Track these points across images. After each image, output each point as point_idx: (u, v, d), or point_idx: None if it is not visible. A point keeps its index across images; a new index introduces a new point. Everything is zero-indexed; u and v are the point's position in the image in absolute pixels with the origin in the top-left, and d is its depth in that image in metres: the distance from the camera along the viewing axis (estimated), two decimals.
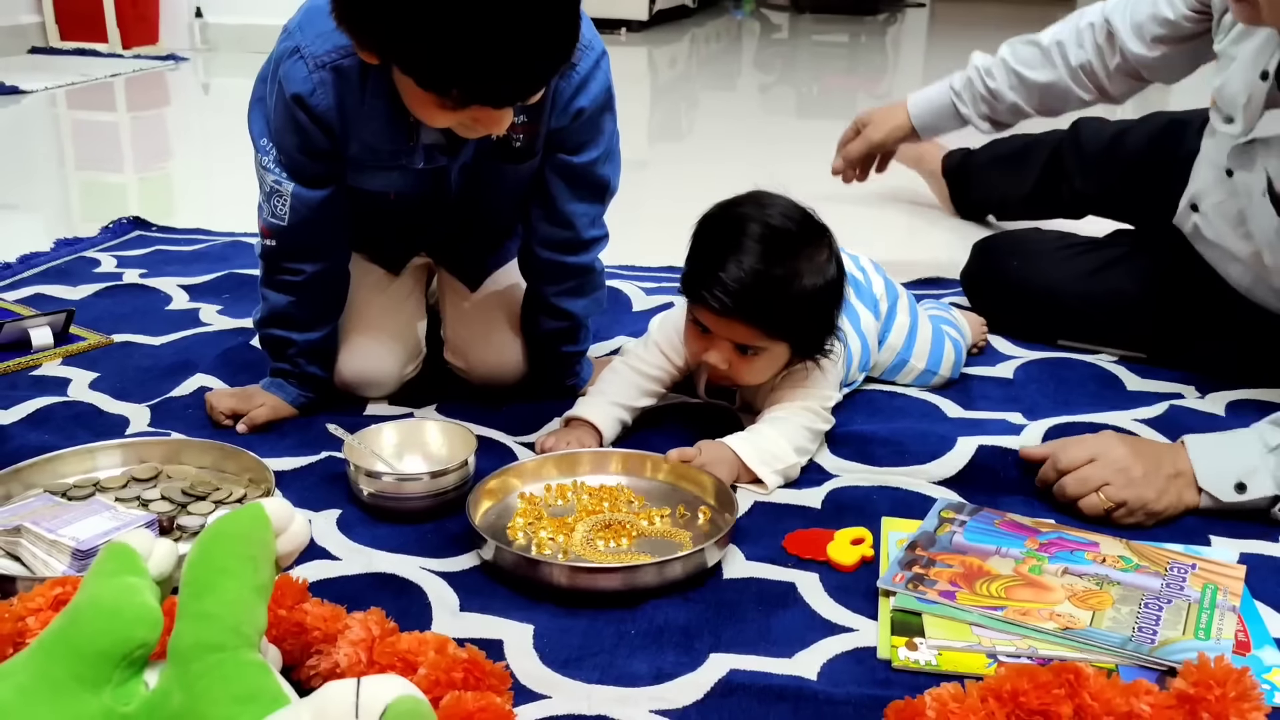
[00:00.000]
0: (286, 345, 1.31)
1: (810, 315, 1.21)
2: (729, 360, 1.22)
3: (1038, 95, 1.69)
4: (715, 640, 0.94)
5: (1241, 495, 1.13)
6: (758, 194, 1.25)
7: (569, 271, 1.33)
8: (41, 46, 4.45)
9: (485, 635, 0.93)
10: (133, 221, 2.16)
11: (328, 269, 1.29)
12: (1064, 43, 1.65)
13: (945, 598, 0.98)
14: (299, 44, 1.15)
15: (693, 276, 1.21)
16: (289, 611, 0.88)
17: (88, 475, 1.18)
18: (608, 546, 1.08)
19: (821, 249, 1.21)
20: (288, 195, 1.21)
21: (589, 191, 1.29)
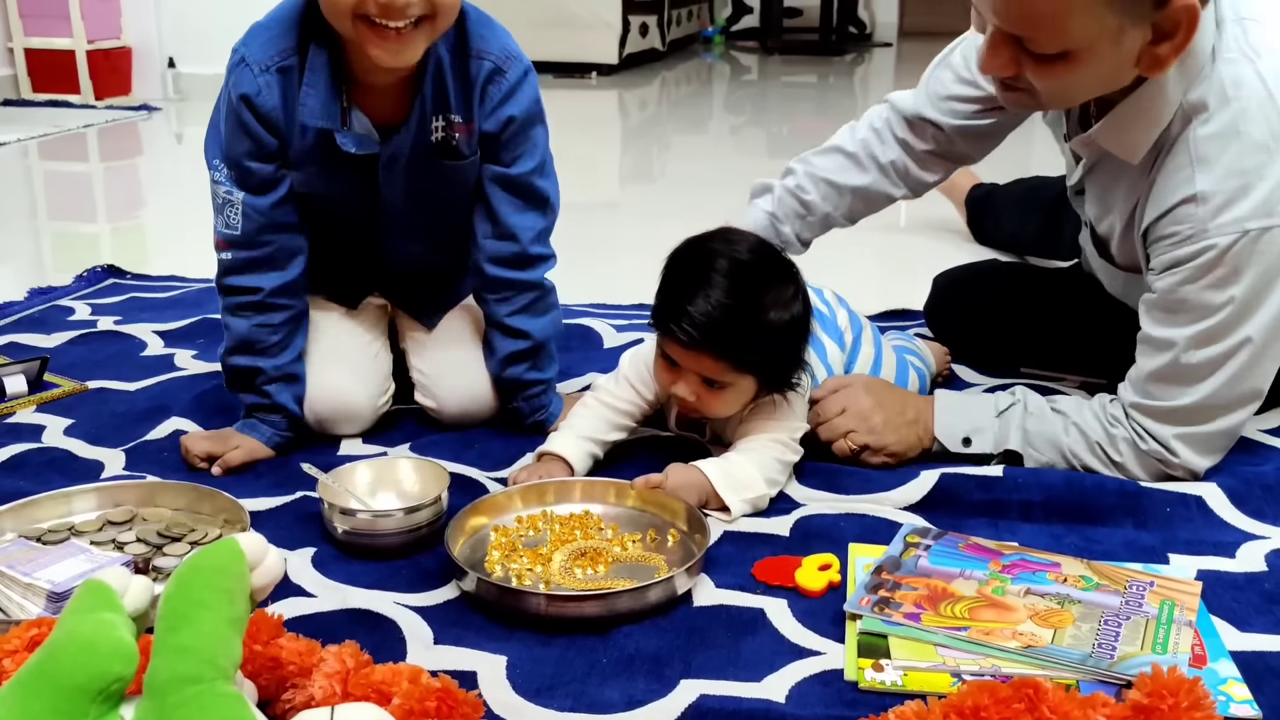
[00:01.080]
0: (255, 374, 1.32)
1: (777, 350, 1.24)
2: (696, 393, 1.24)
3: (850, 200, 1.59)
4: (686, 666, 0.96)
5: (966, 449, 1.32)
6: (727, 230, 1.29)
7: (518, 287, 1.38)
8: (14, 99, 4.47)
9: (459, 667, 0.95)
10: (107, 270, 2.18)
11: (286, 285, 1.33)
12: (867, 142, 1.58)
13: (910, 620, 1.00)
14: (244, 55, 1.25)
15: (661, 310, 1.24)
16: (264, 646, 0.89)
17: (63, 519, 1.19)
18: (586, 574, 1.10)
19: (788, 285, 1.24)
20: (239, 203, 1.28)
21: (529, 203, 1.35)
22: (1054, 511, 1.23)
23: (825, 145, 1.63)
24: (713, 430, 1.36)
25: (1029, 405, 1.31)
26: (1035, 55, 1.13)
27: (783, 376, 1.27)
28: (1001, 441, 1.30)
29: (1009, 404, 1.32)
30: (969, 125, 1.51)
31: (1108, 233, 1.36)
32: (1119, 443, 1.27)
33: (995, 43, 1.15)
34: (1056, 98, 1.22)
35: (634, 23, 5.86)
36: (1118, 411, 1.28)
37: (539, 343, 1.41)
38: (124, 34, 4.59)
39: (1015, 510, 1.23)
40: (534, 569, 1.10)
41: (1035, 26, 1.11)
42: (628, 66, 5.87)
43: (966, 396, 1.37)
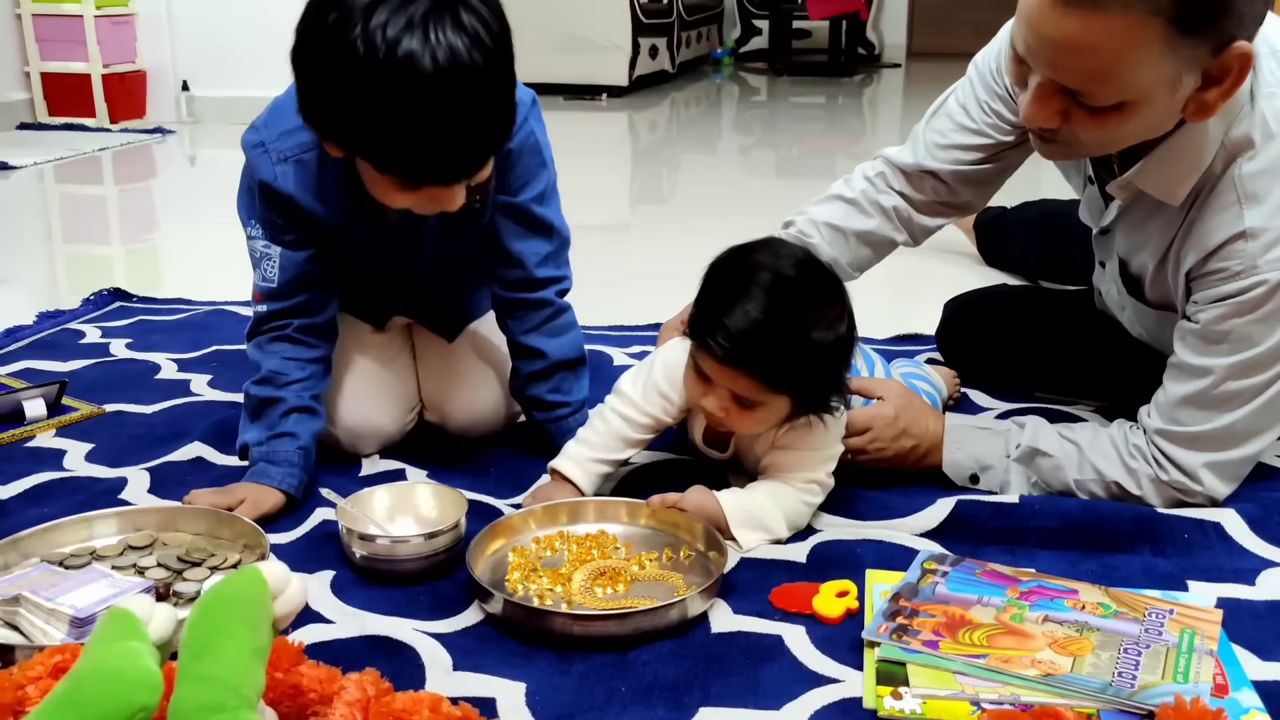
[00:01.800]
0: (275, 404, 1.32)
1: (815, 371, 1.18)
2: (726, 408, 1.20)
3: (856, 246, 1.55)
4: (704, 694, 0.96)
5: (974, 485, 1.33)
6: (773, 240, 1.24)
7: (529, 306, 1.39)
8: (30, 122, 4.51)
9: (479, 693, 0.95)
10: (113, 293, 2.19)
11: (315, 327, 1.35)
12: (866, 191, 1.55)
13: (929, 647, 1.00)
14: (264, 140, 1.27)
15: (698, 320, 1.19)
16: (285, 674, 0.89)
17: (84, 544, 1.20)
18: (606, 593, 1.10)
19: (834, 304, 1.18)
20: (275, 256, 1.30)
21: (531, 229, 1.36)
22: (1071, 538, 1.23)
23: (821, 197, 1.60)
24: (737, 448, 1.33)
25: (1040, 443, 1.30)
26: (1088, 108, 1.10)
27: (820, 400, 1.22)
28: (1007, 487, 1.31)
29: (1017, 444, 1.31)
30: (971, 171, 1.47)
31: (1140, 271, 1.34)
32: (1140, 477, 1.26)
33: (1044, 95, 1.11)
34: (1101, 147, 1.20)
35: (644, 45, 5.89)
36: (1139, 440, 1.27)
37: (556, 362, 1.41)
38: (139, 58, 4.63)
39: (1032, 537, 1.23)
40: (554, 589, 1.10)
41: (1094, 80, 1.07)
42: (638, 88, 5.90)
43: (976, 431, 1.36)
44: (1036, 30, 1.07)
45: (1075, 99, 1.10)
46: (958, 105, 1.47)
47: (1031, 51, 1.10)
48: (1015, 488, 1.31)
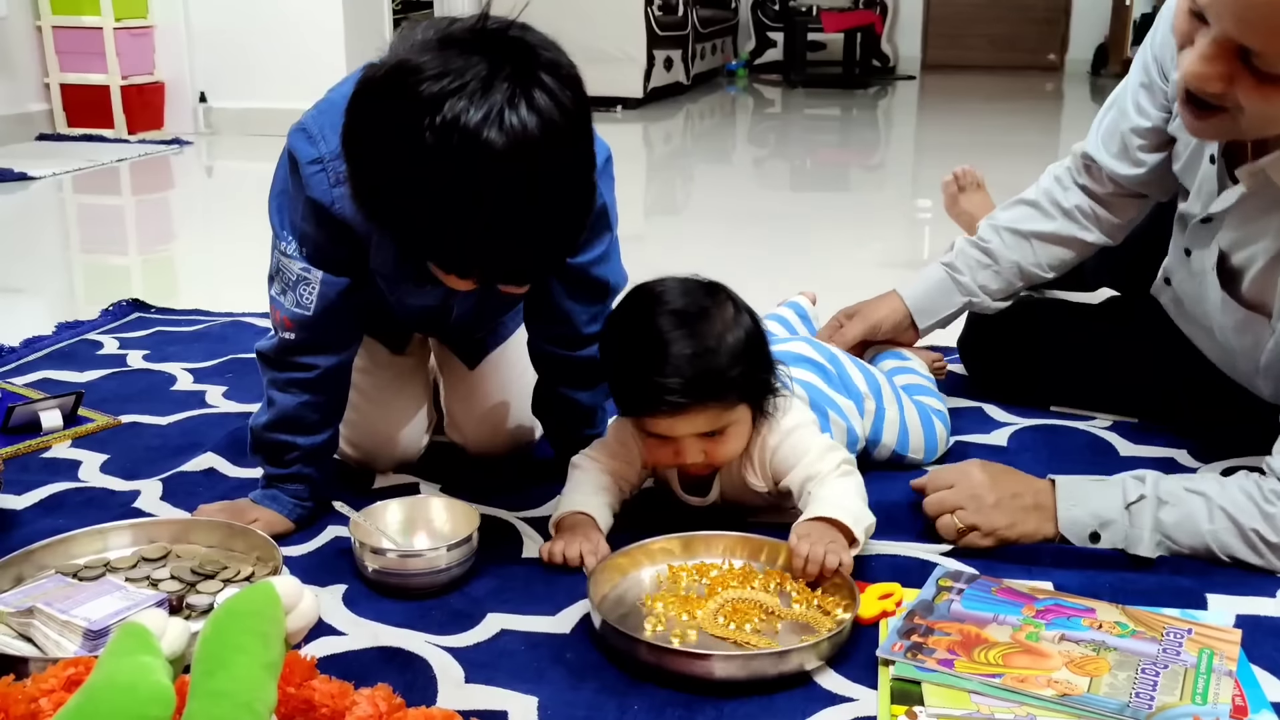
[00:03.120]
0: (288, 450, 1.27)
1: (750, 365, 1.20)
2: (704, 450, 1.21)
3: (1039, 247, 1.55)
4: (717, 713, 0.95)
5: (1095, 544, 1.22)
6: (642, 289, 1.23)
7: (571, 365, 1.33)
8: (49, 133, 4.54)
9: (490, 706, 0.95)
10: (132, 304, 2.20)
11: (340, 365, 1.27)
12: (1049, 191, 1.55)
13: (944, 666, 1.00)
14: (322, 154, 1.13)
15: (630, 393, 1.20)
16: (297, 689, 0.89)
17: (98, 555, 1.20)
18: (731, 626, 1.07)
19: (724, 304, 1.21)
20: (316, 282, 1.19)
21: (585, 290, 1.29)
22: (1087, 555, 1.21)
23: (1008, 201, 1.61)
24: (724, 495, 1.30)
25: (1161, 493, 1.21)
26: (1260, 73, 1.03)
27: (765, 385, 1.23)
28: (1135, 541, 1.20)
29: (1138, 494, 1.21)
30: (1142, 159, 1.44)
31: (1245, 263, 1.29)
32: (1278, 522, 1.17)
33: (1215, 53, 1.05)
34: (1261, 123, 1.11)
35: (659, 57, 5.91)
36: (1277, 486, 1.17)
37: (587, 410, 1.38)
38: (157, 69, 4.67)
39: (1048, 554, 1.22)
40: (690, 612, 1.09)
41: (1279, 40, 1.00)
42: (652, 100, 5.91)
43: (1089, 483, 1.25)
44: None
45: (1248, 62, 1.03)
46: (1125, 92, 1.45)
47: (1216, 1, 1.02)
48: (1146, 543, 1.19)
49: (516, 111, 0.93)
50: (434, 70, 0.94)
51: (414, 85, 0.94)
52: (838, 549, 1.12)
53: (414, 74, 0.94)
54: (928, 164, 4.38)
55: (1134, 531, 1.21)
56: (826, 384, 1.38)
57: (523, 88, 0.94)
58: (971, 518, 1.23)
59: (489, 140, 0.93)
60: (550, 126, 0.95)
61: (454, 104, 0.93)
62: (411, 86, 0.94)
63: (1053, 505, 1.23)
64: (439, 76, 0.93)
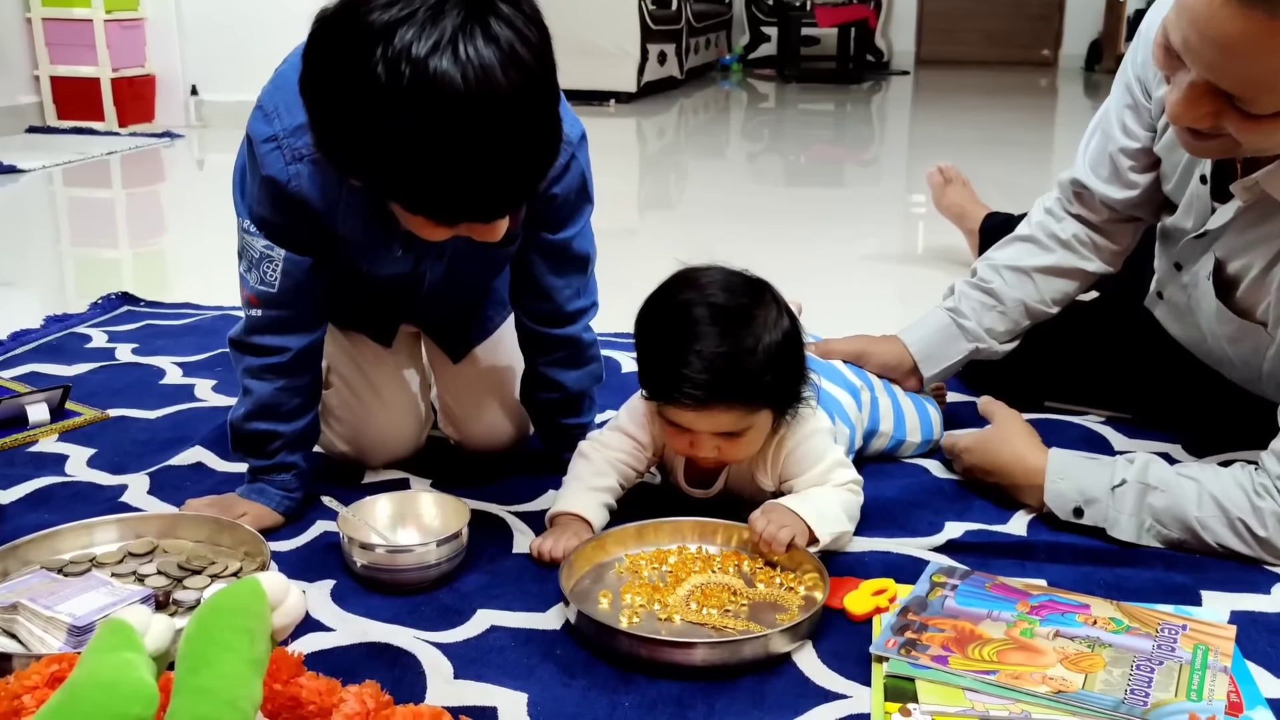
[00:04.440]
0: (271, 439, 1.25)
1: (781, 373, 1.18)
2: (717, 447, 1.20)
3: (1042, 282, 1.50)
4: (709, 709, 0.94)
5: (1078, 519, 1.24)
6: (688, 274, 1.21)
7: (555, 342, 1.34)
8: (39, 126, 4.52)
9: (480, 703, 0.94)
10: (121, 297, 2.19)
11: (311, 345, 1.26)
12: (1043, 224, 1.52)
13: (938, 662, 0.99)
14: (276, 132, 1.12)
15: (654, 379, 1.19)
16: (284, 685, 0.88)
17: (84, 551, 1.18)
18: (705, 611, 1.07)
19: (769, 305, 1.18)
20: (279, 260, 1.18)
21: (567, 265, 1.29)
22: (1081, 551, 1.21)
23: (1000, 242, 1.57)
24: (729, 487, 1.29)
25: (1151, 478, 1.21)
26: (1245, 113, 1.03)
27: (793, 395, 1.21)
28: (1114, 523, 1.21)
29: (1124, 478, 1.22)
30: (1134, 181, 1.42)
31: (1240, 272, 1.28)
32: (1266, 516, 1.16)
33: (1195, 95, 1.05)
34: (1260, 148, 1.11)
35: (652, 51, 5.89)
36: (1266, 481, 1.17)
37: (573, 394, 1.38)
38: (148, 62, 4.64)
39: (1042, 550, 1.22)
40: (662, 600, 1.09)
41: (1257, 88, 1.00)
42: (646, 94, 5.90)
43: (1082, 459, 1.28)
44: (1200, 28, 0.99)
45: (1231, 102, 1.04)
46: (1109, 115, 1.43)
47: (1190, 49, 1.02)
48: (1125, 526, 1.21)
49: (472, 40, 0.91)
50: (383, 0, 0.92)
51: (363, 16, 0.92)
52: (793, 530, 1.13)
53: (363, 4, 0.93)
54: (922, 159, 4.37)
55: (1117, 515, 1.22)
56: (822, 374, 1.37)
57: (476, 16, 0.92)
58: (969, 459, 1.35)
59: (440, 71, 0.90)
60: (507, 55, 0.92)
61: (403, 34, 0.90)
62: (361, 17, 0.92)
63: (1042, 478, 1.26)
64: (387, 5, 0.91)
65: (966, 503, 1.34)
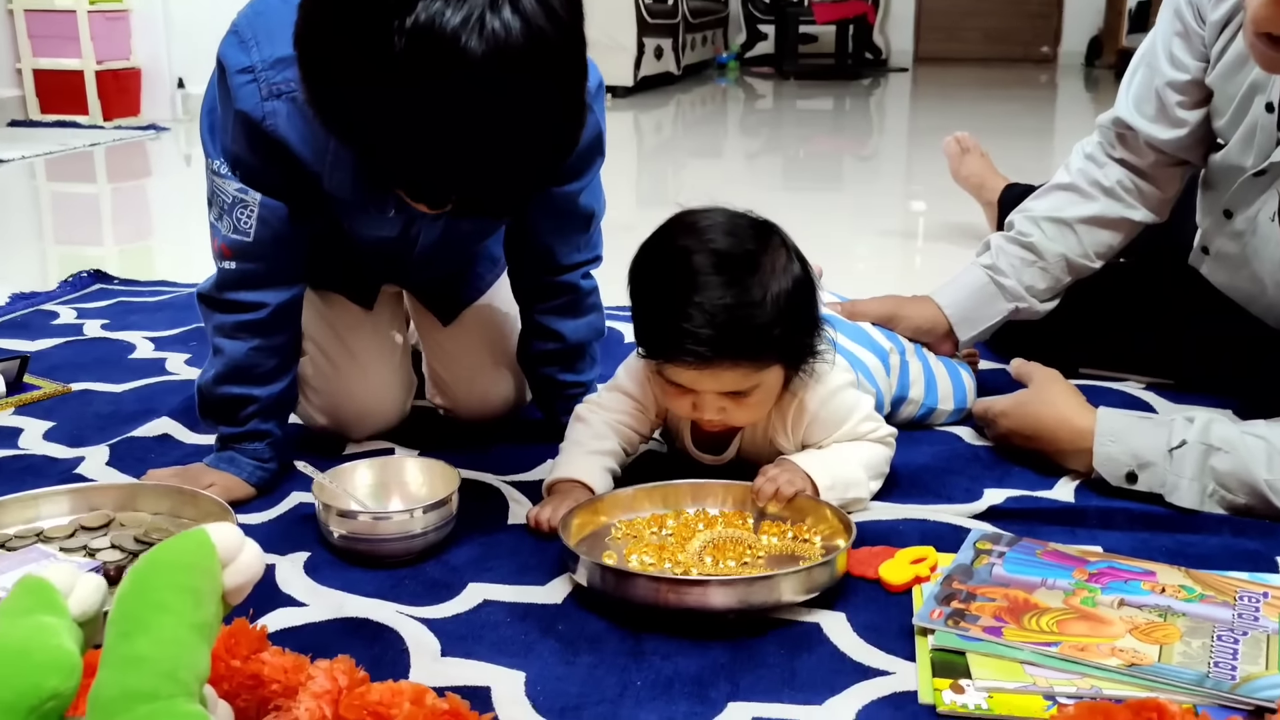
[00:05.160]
0: (245, 404, 1.14)
1: (792, 324, 1.06)
2: (722, 408, 1.08)
3: (1085, 233, 1.40)
4: (733, 688, 0.83)
5: (1130, 485, 1.12)
6: (686, 217, 1.09)
7: (552, 289, 1.24)
8: (21, 120, 4.40)
9: (471, 682, 0.82)
10: (93, 275, 2.06)
11: (290, 301, 1.14)
12: (1085, 171, 1.41)
13: (990, 634, 0.87)
14: (254, 63, 1.01)
15: (651, 335, 1.07)
16: (244, 662, 0.76)
17: (30, 525, 1.06)
18: (720, 565, 0.98)
19: (777, 250, 1.07)
20: (254, 205, 1.07)
21: (568, 221, 1.19)
22: (1138, 516, 1.09)
23: (1038, 191, 1.45)
24: (743, 451, 1.17)
25: (1214, 438, 1.10)
26: None
27: (807, 347, 1.10)
28: (1173, 489, 1.10)
29: (1183, 439, 1.10)
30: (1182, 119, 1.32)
31: None
32: None
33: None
34: None
35: (649, 45, 5.80)
36: None
37: (572, 345, 1.27)
38: (133, 55, 4.53)
39: (1095, 516, 1.10)
40: (672, 557, 0.99)
41: None
42: (643, 89, 5.80)
43: (1135, 420, 1.16)
44: None
45: None
46: (1155, 47, 1.32)
47: None
48: (1186, 491, 1.09)
49: (499, 15, 0.81)
50: None
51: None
52: (795, 485, 1.05)
53: None
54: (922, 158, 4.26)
55: (1176, 479, 1.10)
56: (848, 338, 1.26)
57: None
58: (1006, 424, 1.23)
59: (468, 48, 0.80)
60: (538, 37, 0.82)
61: (429, 4, 0.80)
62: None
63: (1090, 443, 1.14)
64: None
65: (1005, 469, 1.22)
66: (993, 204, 2.27)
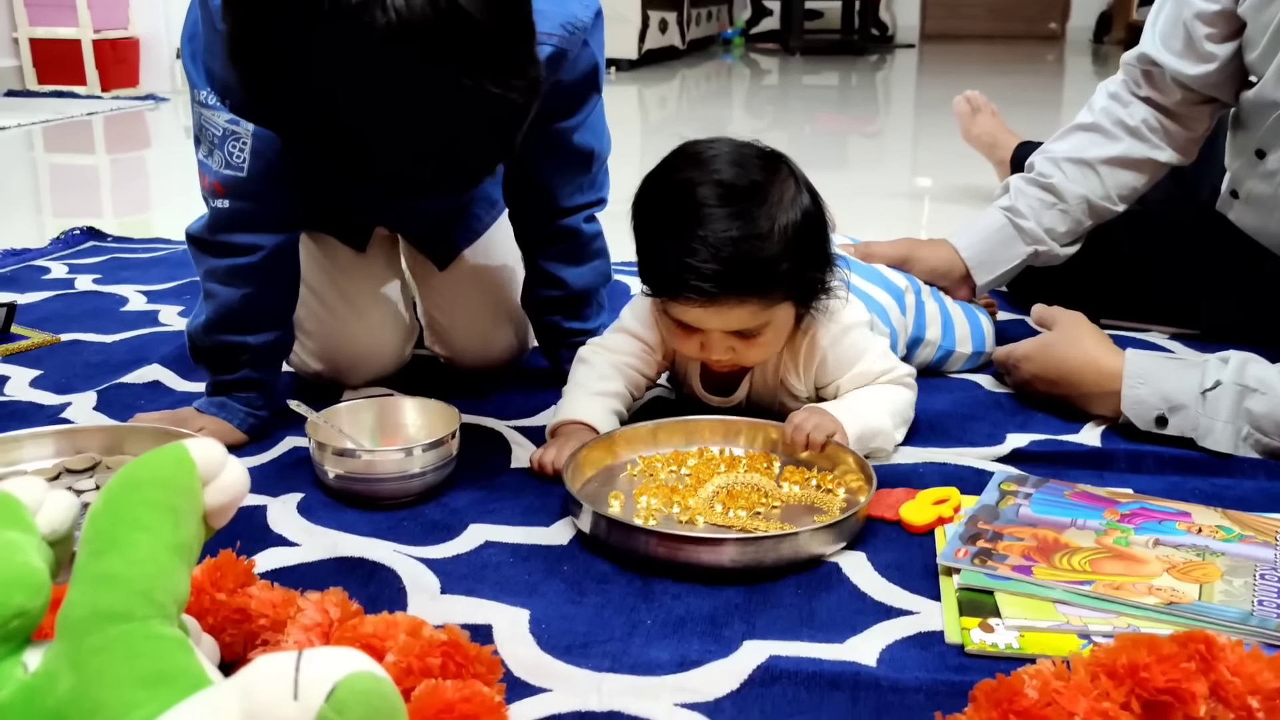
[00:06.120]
0: (239, 352, 1.09)
1: (802, 258, 1.01)
2: (731, 348, 1.03)
3: (1107, 175, 1.34)
4: (748, 627, 0.78)
5: (1161, 429, 1.07)
6: (690, 148, 1.04)
7: (553, 234, 1.19)
8: (18, 90, 4.35)
9: (472, 620, 0.78)
10: (86, 232, 2.01)
11: (286, 244, 1.09)
12: (1109, 110, 1.36)
13: (1020, 573, 0.82)
14: None
15: (655, 271, 1.02)
16: (230, 595, 0.72)
17: (13, 467, 1.02)
18: (730, 514, 0.93)
19: (785, 181, 1.02)
20: (247, 136, 1.01)
21: (566, 161, 1.14)
22: (1169, 460, 1.05)
23: (1059, 132, 1.40)
24: (755, 391, 1.13)
25: (1249, 379, 1.04)
26: None
27: (819, 283, 1.05)
28: (1206, 432, 1.05)
29: (1217, 379, 1.05)
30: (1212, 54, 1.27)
31: None
32: None
33: None
34: None
35: (653, 18, 5.73)
36: None
37: (577, 292, 1.22)
38: (131, 24, 4.47)
39: (1123, 460, 1.05)
40: (681, 502, 0.94)
41: None
42: (647, 63, 5.73)
43: (1165, 362, 1.11)
44: None
45: None
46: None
47: None
48: (1220, 435, 1.05)
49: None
50: None
51: None
52: (830, 428, 0.99)
53: None
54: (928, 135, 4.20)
55: (1210, 421, 1.05)
56: (861, 277, 1.21)
57: None
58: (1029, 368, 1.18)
59: (370, 22, 0.72)
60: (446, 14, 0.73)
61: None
62: None
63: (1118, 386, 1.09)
64: None
65: (1028, 415, 1.17)
66: (1005, 163, 2.21)
